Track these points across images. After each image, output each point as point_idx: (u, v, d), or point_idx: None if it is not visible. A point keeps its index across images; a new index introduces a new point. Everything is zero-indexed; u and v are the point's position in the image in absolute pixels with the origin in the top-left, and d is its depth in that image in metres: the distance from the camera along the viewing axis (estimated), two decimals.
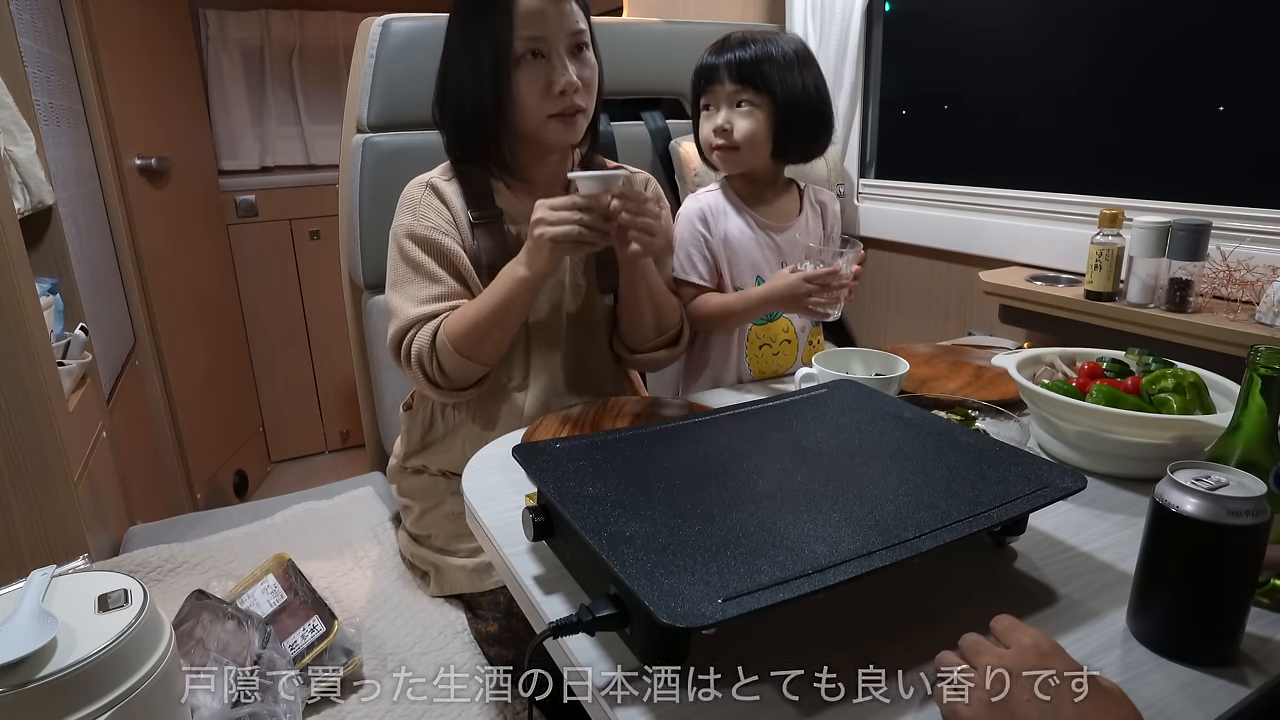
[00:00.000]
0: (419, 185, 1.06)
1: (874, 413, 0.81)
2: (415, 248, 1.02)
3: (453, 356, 0.97)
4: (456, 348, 0.96)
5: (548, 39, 0.97)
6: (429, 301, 1.01)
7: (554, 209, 0.89)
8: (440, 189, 1.05)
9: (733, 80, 1.12)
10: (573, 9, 0.99)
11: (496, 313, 0.96)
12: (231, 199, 2.77)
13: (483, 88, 0.99)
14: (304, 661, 0.92)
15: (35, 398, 1.08)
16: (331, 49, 2.88)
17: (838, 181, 1.82)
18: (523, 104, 0.99)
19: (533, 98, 0.98)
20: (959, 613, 0.60)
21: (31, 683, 0.62)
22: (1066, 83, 1.55)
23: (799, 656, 0.55)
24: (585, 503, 0.61)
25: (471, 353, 0.97)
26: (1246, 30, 1.27)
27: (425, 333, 0.98)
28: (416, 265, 1.02)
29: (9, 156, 1.19)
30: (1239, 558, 0.54)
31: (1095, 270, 1.24)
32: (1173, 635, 0.56)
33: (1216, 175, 1.34)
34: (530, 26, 0.96)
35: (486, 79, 0.98)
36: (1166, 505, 0.55)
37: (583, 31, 1.00)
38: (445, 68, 1.04)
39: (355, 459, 3.01)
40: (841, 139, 1.84)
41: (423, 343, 0.98)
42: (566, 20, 0.98)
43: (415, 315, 1.00)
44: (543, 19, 0.96)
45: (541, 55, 0.98)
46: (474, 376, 1.02)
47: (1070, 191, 1.48)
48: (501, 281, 0.96)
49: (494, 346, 0.99)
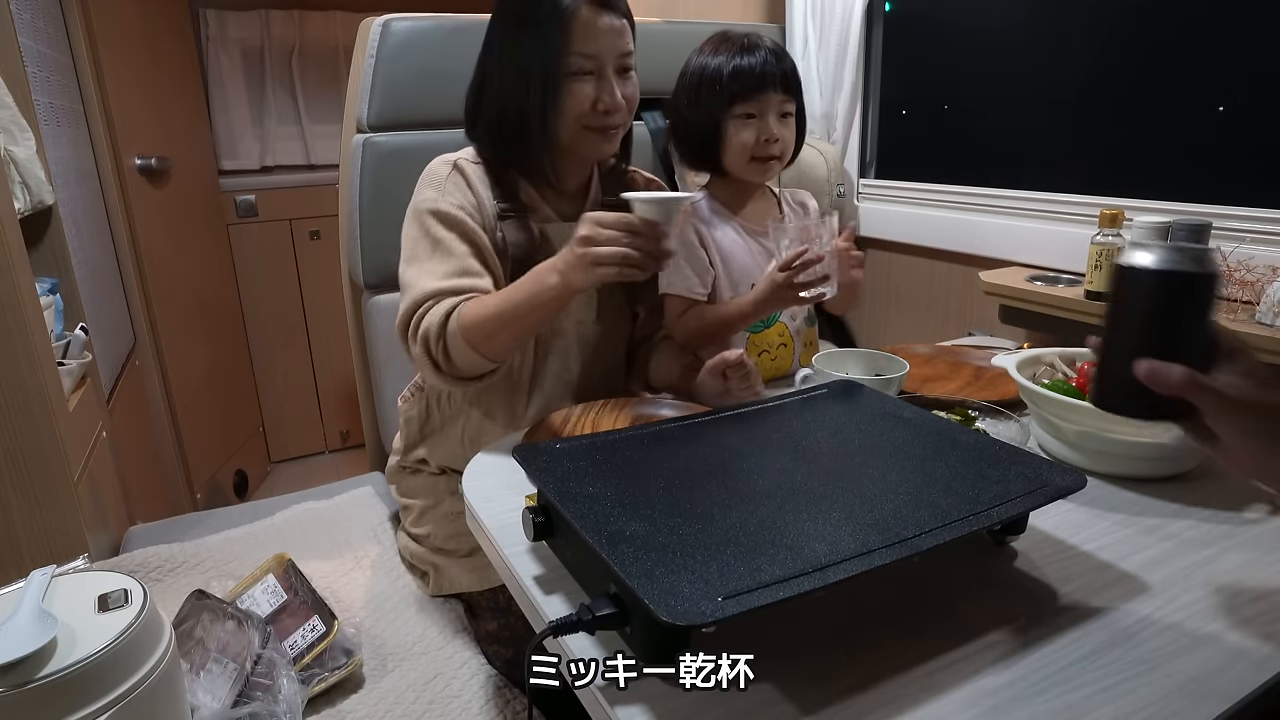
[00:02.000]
0: (445, 163, 1.03)
1: (874, 413, 0.81)
2: (438, 224, 0.98)
3: (460, 344, 0.91)
4: (466, 336, 0.91)
5: (599, 57, 0.97)
6: (447, 277, 0.96)
7: (604, 227, 0.83)
8: (466, 171, 1.02)
9: (782, 90, 1.13)
10: (625, 29, 0.99)
11: (516, 312, 0.90)
12: (231, 199, 2.77)
13: (529, 98, 0.98)
14: (304, 661, 0.92)
15: (35, 398, 1.08)
16: (331, 49, 2.88)
17: (838, 182, 1.82)
18: (566, 118, 0.99)
19: (576, 111, 0.98)
20: (959, 612, 0.60)
21: (31, 683, 0.62)
22: (1066, 83, 1.55)
23: (799, 655, 0.55)
24: (585, 502, 0.61)
25: (480, 345, 0.92)
26: (1246, 30, 1.27)
27: (438, 311, 0.93)
28: (437, 241, 0.98)
29: (9, 156, 1.19)
30: (1200, 304, 0.56)
31: (1095, 270, 1.24)
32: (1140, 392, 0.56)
33: (1216, 175, 1.34)
34: (584, 43, 0.96)
35: (535, 90, 0.97)
36: (1133, 266, 0.57)
37: (631, 53, 1.01)
38: (486, 70, 1.03)
39: (355, 459, 3.01)
40: (841, 139, 1.84)
41: (433, 321, 0.92)
42: (619, 40, 0.98)
43: (431, 289, 0.94)
44: (597, 37, 0.96)
45: (590, 73, 0.97)
46: (479, 369, 0.96)
47: (1070, 191, 1.48)
48: (529, 283, 0.90)
49: (504, 345, 0.94)
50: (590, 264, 0.83)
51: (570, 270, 0.86)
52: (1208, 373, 0.55)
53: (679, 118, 1.21)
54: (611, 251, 0.82)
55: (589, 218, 0.84)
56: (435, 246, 0.98)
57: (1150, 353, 0.56)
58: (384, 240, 1.40)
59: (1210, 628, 0.58)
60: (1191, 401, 0.55)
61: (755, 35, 1.15)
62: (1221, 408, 0.54)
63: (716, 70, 1.13)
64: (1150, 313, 0.57)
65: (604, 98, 0.98)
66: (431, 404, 1.12)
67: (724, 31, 1.18)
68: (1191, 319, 0.56)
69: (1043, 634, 0.58)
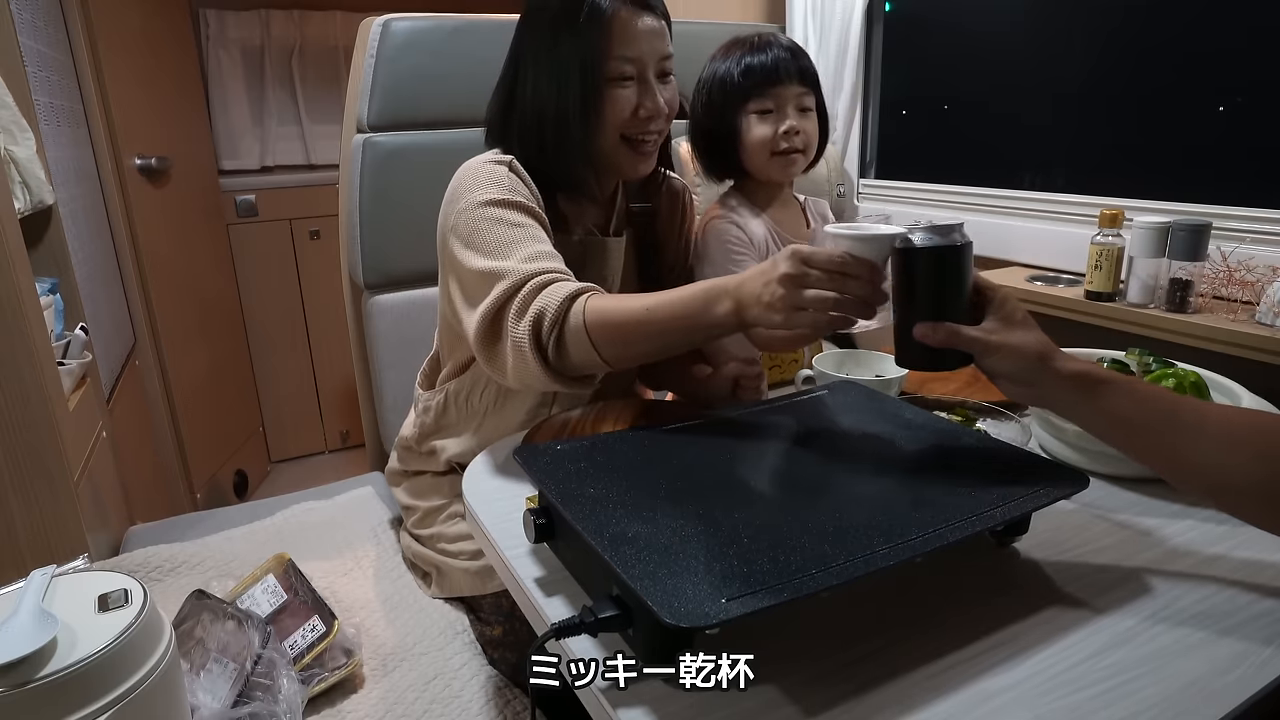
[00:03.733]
0: (494, 163, 0.95)
1: (875, 413, 0.81)
2: (512, 212, 0.90)
3: (582, 336, 0.80)
4: (593, 330, 0.79)
5: (641, 60, 0.94)
6: (542, 259, 0.85)
7: (812, 265, 0.70)
8: (520, 173, 0.95)
9: (799, 82, 1.11)
10: (664, 30, 0.96)
11: (666, 326, 0.78)
12: (231, 199, 2.77)
13: (568, 102, 0.93)
14: (304, 661, 0.92)
15: (35, 398, 1.08)
16: (331, 49, 2.88)
17: (838, 182, 1.82)
18: (605, 124, 0.95)
19: (617, 119, 0.95)
20: (961, 613, 0.60)
21: (31, 683, 0.61)
22: (1066, 83, 1.55)
23: (801, 657, 0.55)
24: (587, 504, 0.61)
25: (605, 346, 0.80)
26: (1246, 30, 1.27)
27: (557, 291, 0.81)
28: (517, 225, 0.89)
29: (9, 156, 1.19)
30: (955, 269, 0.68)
31: (1095, 270, 1.24)
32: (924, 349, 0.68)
33: (1216, 175, 1.34)
34: (626, 46, 0.93)
35: (574, 94, 0.92)
36: (901, 248, 0.69)
37: (671, 56, 0.97)
38: (517, 76, 0.98)
39: (355, 459, 3.01)
40: (841, 139, 1.84)
41: (551, 301, 0.80)
42: (660, 43, 0.95)
43: (533, 270, 0.83)
44: (638, 40, 0.93)
45: (631, 78, 0.94)
46: (588, 370, 0.84)
47: (1070, 191, 1.48)
48: (694, 300, 0.77)
49: (633, 356, 0.83)
50: (792, 307, 0.70)
51: (757, 306, 0.72)
52: (976, 323, 0.67)
53: (697, 129, 1.18)
54: (822, 297, 0.69)
55: (796, 254, 0.71)
56: (518, 230, 0.89)
57: (923, 315, 0.68)
58: (384, 240, 1.40)
59: (1213, 629, 0.58)
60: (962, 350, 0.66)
61: (769, 34, 1.14)
62: (982, 351, 0.66)
63: (727, 72, 1.12)
64: (919, 282, 0.69)
65: (646, 103, 0.95)
66: (450, 399, 1.09)
67: (736, 36, 1.17)
68: (952, 282, 0.68)
69: (1045, 635, 0.58)
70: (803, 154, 1.13)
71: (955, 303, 0.68)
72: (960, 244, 0.67)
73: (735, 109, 1.12)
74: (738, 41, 1.14)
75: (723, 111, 1.13)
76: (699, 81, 1.17)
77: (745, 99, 1.11)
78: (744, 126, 1.12)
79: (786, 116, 1.10)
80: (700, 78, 1.17)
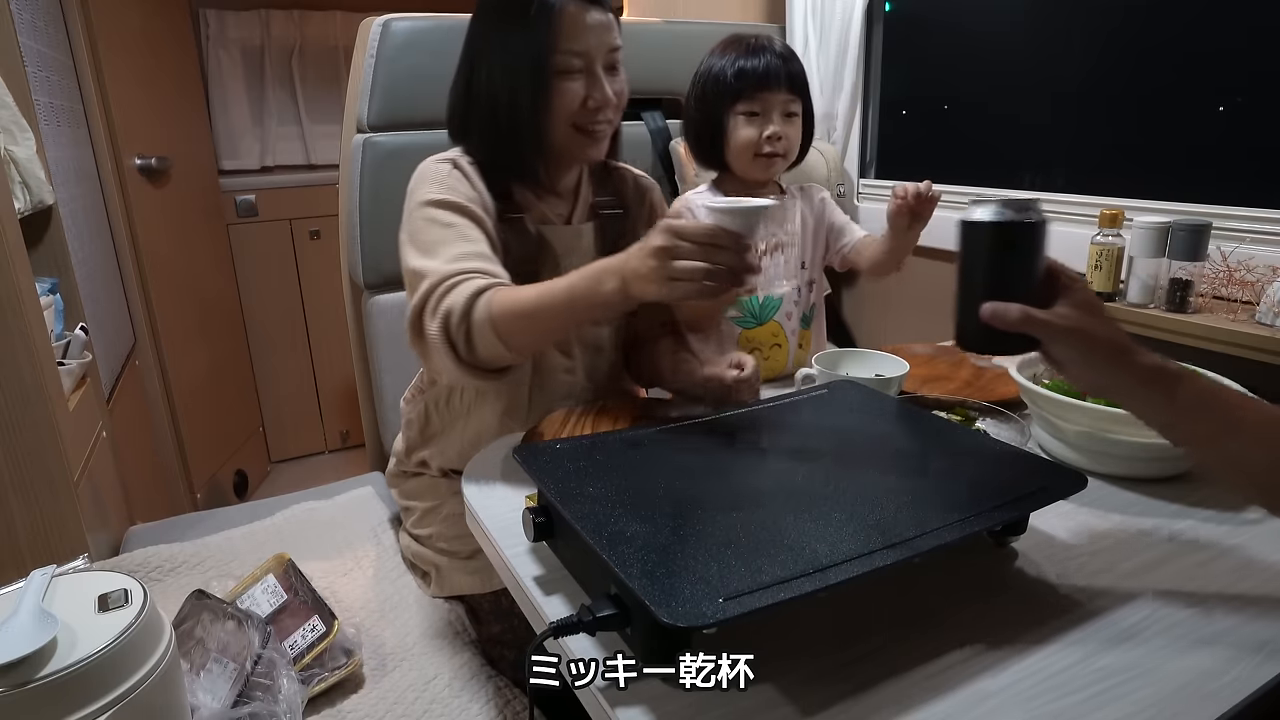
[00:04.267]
0: (442, 161, 1.00)
1: (874, 413, 0.81)
2: (446, 212, 0.94)
3: (487, 330, 0.84)
4: (495, 323, 0.83)
5: (589, 53, 0.96)
6: (464, 259, 0.89)
7: (684, 239, 0.74)
8: (465, 170, 1.00)
9: (787, 89, 1.15)
10: (612, 24, 0.98)
11: (559, 309, 0.83)
12: (231, 199, 2.77)
13: (518, 96, 0.96)
14: (304, 661, 0.92)
15: (35, 398, 1.08)
16: (331, 49, 2.88)
17: (838, 182, 1.82)
18: (556, 117, 0.97)
19: (566, 110, 0.97)
20: (960, 613, 0.60)
21: (31, 683, 0.61)
22: (1066, 83, 1.55)
23: (799, 657, 0.55)
24: (586, 503, 0.61)
25: (508, 336, 0.84)
26: (1246, 30, 1.27)
27: (464, 290, 0.85)
28: (449, 225, 0.93)
29: (9, 156, 1.19)
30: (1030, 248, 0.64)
31: (1095, 270, 1.24)
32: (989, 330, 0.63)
33: (1216, 175, 1.34)
34: (573, 40, 0.95)
35: (524, 88, 0.95)
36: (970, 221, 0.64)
37: (619, 49, 1.00)
38: (473, 71, 1.01)
39: (355, 459, 3.01)
40: (841, 139, 1.84)
41: (457, 300, 0.84)
42: (607, 36, 0.97)
43: (453, 269, 0.87)
44: (585, 34, 0.95)
45: (580, 70, 0.96)
46: (498, 362, 0.88)
47: (1070, 191, 1.48)
48: (582, 282, 0.82)
49: (534, 341, 0.89)
50: (666, 278, 0.75)
51: (637, 280, 0.77)
52: (1046, 307, 0.62)
53: (688, 117, 1.24)
54: (694, 267, 0.73)
55: (668, 227, 0.76)
56: (446, 230, 0.93)
57: (992, 295, 0.63)
58: (384, 240, 1.40)
59: (1210, 629, 0.58)
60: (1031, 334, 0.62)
61: (765, 37, 1.18)
62: (1055, 336, 0.62)
63: (721, 70, 1.17)
64: (988, 259, 0.65)
65: (594, 95, 0.97)
66: (430, 407, 1.11)
67: (736, 34, 1.20)
68: (1024, 261, 0.64)
69: (1043, 635, 0.58)
70: (783, 158, 1.19)
71: (1025, 284, 0.64)
72: (1034, 221, 0.63)
73: (725, 107, 1.17)
74: (735, 41, 1.18)
75: (713, 107, 1.18)
76: (696, 73, 1.21)
77: (735, 100, 1.16)
78: (731, 126, 1.18)
79: (771, 121, 1.16)
80: (697, 69, 1.21)
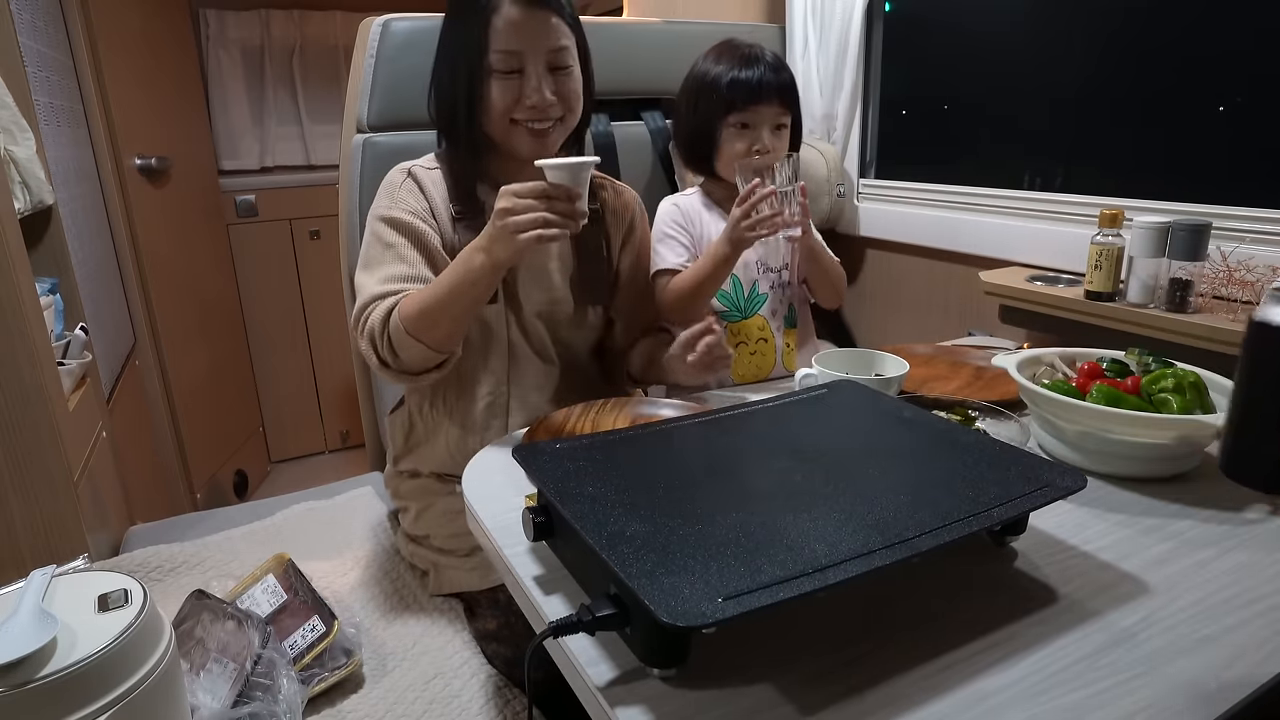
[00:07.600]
0: (400, 171, 1.07)
1: (874, 413, 0.81)
2: (389, 230, 1.02)
3: (403, 336, 0.93)
4: (408, 327, 0.93)
5: (522, 54, 0.97)
6: (392, 281, 0.99)
7: (519, 196, 0.86)
8: (420, 178, 1.05)
9: (779, 103, 1.17)
10: (555, 24, 0.98)
11: (450, 296, 0.92)
12: (231, 199, 2.77)
13: (458, 93, 1.01)
14: (304, 661, 0.92)
15: (35, 398, 1.08)
16: (331, 49, 2.88)
17: (838, 182, 1.82)
18: (492, 114, 1.01)
19: (499, 108, 1.00)
20: (959, 612, 0.60)
21: (31, 683, 0.61)
22: (1066, 82, 1.55)
23: (798, 656, 0.55)
24: (585, 502, 0.61)
25: (422, 335, 0.93)
26: (1246, 30, 1.27)
27: (380, 309, 0.96)
28: (387, 245, 1.01)
29: (9, 156, 1.19)
30: None
31: (1095, 270, 1.24)
32: None
33: (1216, 175, 1.34)
34: (505, 40, 0.96)
35: (462, 85, 1.00)
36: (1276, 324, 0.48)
37: (564, 49, 1.00)
38: (435, 67, 1.06)
39: (355, 459, 3.01)
40: (841, 139, 1.84)
41: (375, 320, 0.96)
42: (547, 35, 0.98)
43: (376, 292, 0.98)
44: (518, 33, 0.96)
45: (516, 70, 0.98)
46: (427, 361, 0.98)
47: (1070, 191, 1.48)
48: (458, 266, 0.92)
49: (446, 332, 0.95)
50: (511, 234, 0.85)
51: (493, 245, 0.88)
52: None
53: (679, 119, 1.25)
54: (530, 218, 0.84)
55: (505, 190, 0.87)
56: (386, 251, 1.01)
57: None
58: None
59: (1211, 629, 0.58)
60: None
61: (758, 47, 1.18)
62: None
63: (715, 79, 1.17)
64: None
65: (529, 95, 0.99)
66: (414, 415, 1.13)
67: (730, 40, 1.20)
68: None
69: (1042, 635, 0.58)
70: None
71: None
72: None
73: (716, 117, 1.18)
74: (730, 48, 1.19)
75: (705, 115, 1.19)
76: (688, 76, 1.22)
77: (727, 111, 1.17)
78: (721, 136, 1.19)
79: (761, 136, 1.17)
80: (690, 72, 1.22)
